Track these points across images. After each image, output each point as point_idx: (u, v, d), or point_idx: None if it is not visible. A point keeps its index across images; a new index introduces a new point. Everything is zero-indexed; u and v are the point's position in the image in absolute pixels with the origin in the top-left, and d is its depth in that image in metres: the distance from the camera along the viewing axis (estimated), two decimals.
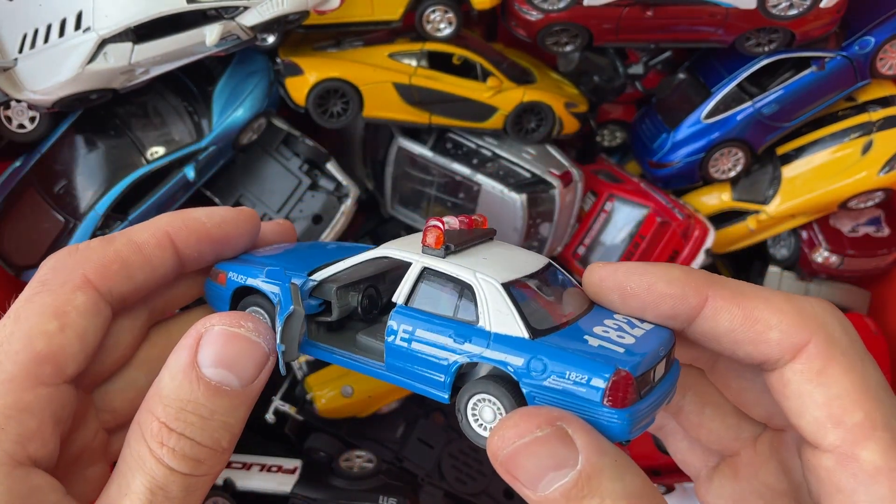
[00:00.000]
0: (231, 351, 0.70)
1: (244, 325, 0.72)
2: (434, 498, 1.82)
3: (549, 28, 1.80)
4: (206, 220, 0.82)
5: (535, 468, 0.62)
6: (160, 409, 0.68)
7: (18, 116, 1.71)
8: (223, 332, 0.70)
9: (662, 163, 2.00)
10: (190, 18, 1.52)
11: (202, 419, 0.68)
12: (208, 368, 0.69)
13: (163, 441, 0.67)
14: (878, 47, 1.83)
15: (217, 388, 0.69)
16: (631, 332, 0.72)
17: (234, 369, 0.70)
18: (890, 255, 2.06)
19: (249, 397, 0.71)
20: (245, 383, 0.70)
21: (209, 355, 0.69)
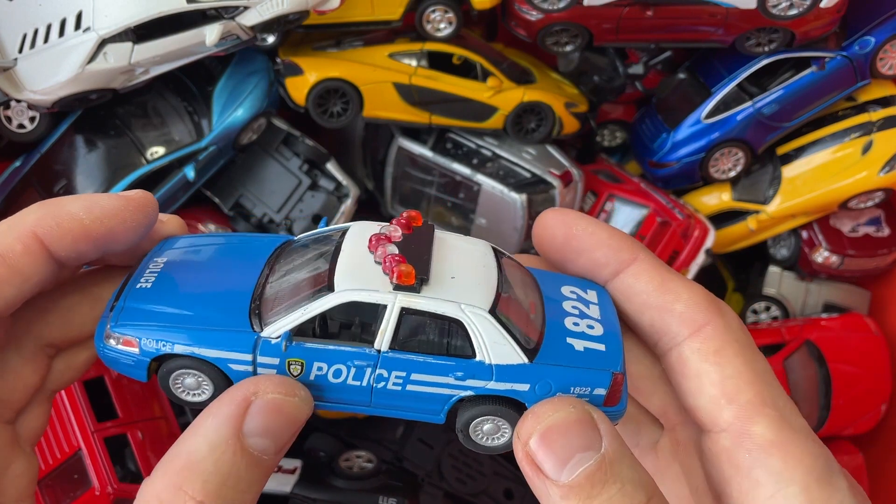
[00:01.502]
0: (280, 422, 0.64)
1: (298, 395, 0.66)
2: (434, 498, 1.82)
3: (549, 28, 1.80)
4: (85, 215, 0.70)
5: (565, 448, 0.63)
6: (197, 485, 0.60)
7: (18, 116, 1.71)
8: (276, 402, 0.64)
9: (662, 163, 2.00)
10: (190, 18, 1.52)
11: (242, 494, 0.62)
12: (253, 438, 0.62)
13: None
14: (878, 47, 1.83)
15: (258, 458, 0.63)
16: (592, 316, 0.75)
17: (275, 438, 0.63)
18: (890, 254, 2.06)
19: (274, 467, 0.66)
20: (280, 452, 0.65)
21: (258, 426, 0.63)
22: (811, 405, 1.94)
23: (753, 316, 2.11)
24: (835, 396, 1.93)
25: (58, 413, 1.68)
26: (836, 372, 1.94)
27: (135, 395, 1.72)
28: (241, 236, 0.87)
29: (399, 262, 0.69)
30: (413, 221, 0.75)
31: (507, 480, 1.92)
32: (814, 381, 1.94)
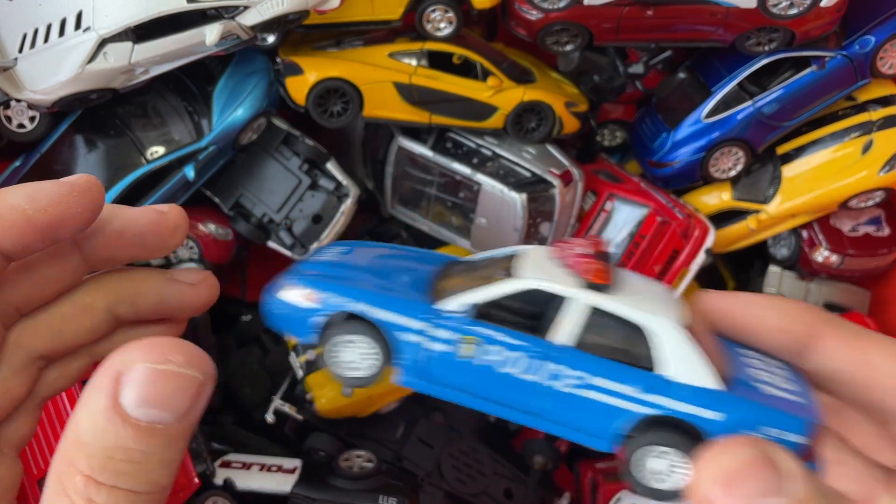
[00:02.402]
0: (160, 389, 0.59)
1: (173, 360, 0.60)
2: (434, 498, 1.83)
3: (549, 27, 1.80)
4: (28, 205, 0.68)
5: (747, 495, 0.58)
6: (82, 460, 0.57)
7: (18, 116, 1.71)
8: (148, 370, 0.59)
9: (663, 162, 2.00)
10: (190, 18, 1.52)
11: (135, 465, 0.58)
12: (136, 410, 0.58)
13: (91, 498, 0.57)
14: (879, 47, 1.84)
15: (148, 428, 0.59)
16: (778, 371, 0.70)
17: (166, 406, 0.59)
18: (890, 254, 2.06)
19: (187, 428, 0.61)
20: (181, 416, 0.60)
21: (133, 397, 0.58)
22: None
23: None
24: None
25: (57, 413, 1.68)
26: None
27: None
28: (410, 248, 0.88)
29: (593, 261, 0.67)
30: (601, 247, 0.71)
31: (507, 480, 1.92)
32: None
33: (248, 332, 2.06)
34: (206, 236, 1.91)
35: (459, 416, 2.00)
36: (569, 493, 2.06)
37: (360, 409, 1.88)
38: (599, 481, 1.96)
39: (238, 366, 2.06)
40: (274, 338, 2.08)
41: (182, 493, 1.65)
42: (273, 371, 2.06)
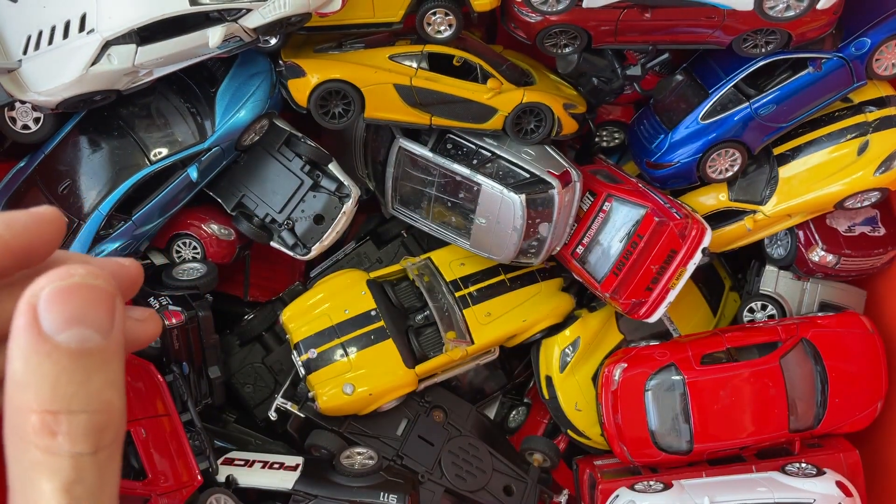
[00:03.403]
0: (75, 305, 0.59)
1: (76, 273, 0.60)
2: (434, 494, 1.84)
3: (548, 30, 1.81)
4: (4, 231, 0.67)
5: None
6: (31, 398, 0.57)
7: (23, 117, 1.73)
8: (56, 289, 0.59)
9: (660, 163, 2.02)
10: (193, 20, 1.54)
11: (81, 385, 0.59)
12: (61, 335, 0.58)
13: (54, 429, 0.57)
14: (874, 49, 1.85)
15: (80, 349, 0.59)
16: None
17: (89, 324, 0.59)
18: (886, 254, 2.07)
19: (116, 347, 0.61)
20: (106, 332, 0.60)
21: (55, 320, 0.59)
22: (807, 403, 1.95)
23: (750, 315, 2.13)
24: (831, 394, 1.95)
25: None
26: (832, 370, 1.96)
27: (137, 392, 1.73)
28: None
29: None
30: None
31: (507, 477, 1.94)
32: (810, 379, 1.96)
33: (250, 331, 2.08)
34: (208, 236, 1.93)
35: (460, 414, 2.02)
36: (567, 490, 2.08)
37: (360, 407, 1.89)
38: (598, 478, 1.98)
39: (240, 364, 2.07)
40: (276, 337, 2.09)
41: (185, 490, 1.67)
42: (275, 369, 2.08)
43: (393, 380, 1.89)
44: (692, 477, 1.88)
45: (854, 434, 2.00)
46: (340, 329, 1.90)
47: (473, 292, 2.01)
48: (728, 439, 1.92)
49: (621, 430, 1.95)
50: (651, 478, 1.91)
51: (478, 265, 2.05)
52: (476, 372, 2.15)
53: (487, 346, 2.00)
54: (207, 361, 1.88)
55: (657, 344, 2.02)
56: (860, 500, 1.82)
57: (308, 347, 1.89)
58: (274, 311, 2.05)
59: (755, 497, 1.77)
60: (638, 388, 1.94)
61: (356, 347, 1.89)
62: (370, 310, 1.92)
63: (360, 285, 1.96)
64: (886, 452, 2.03)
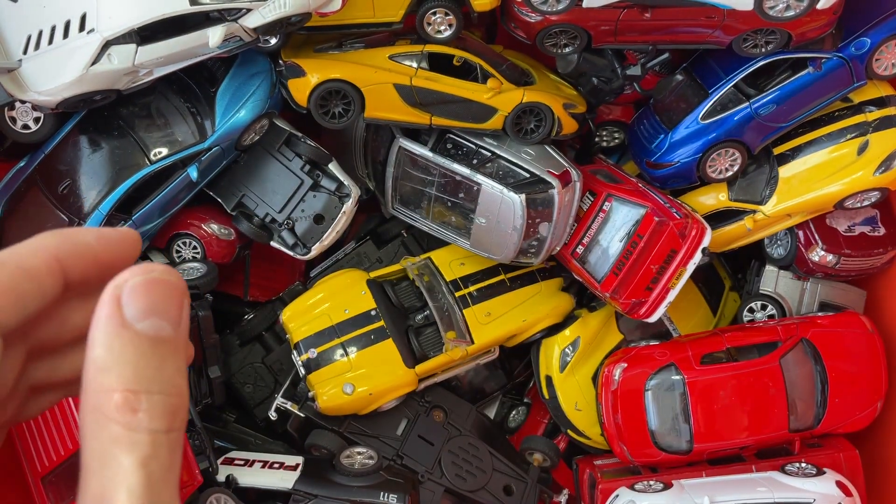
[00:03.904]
0: (154, 298, 0.66)
1: (154, 270, 0.67)
2: (434, 494, 1.84)
3: (548, 30, 1.81)
4: (96, 243, 0.76)
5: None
6: (114, 380, 0.63)
7: (23, 117, 1.73)
8: (139, 282, 0.67)
9: (660, 163, 2.02)
10: (193, 20, 1.54)
11: (158, 371, 0.65)
12: (140, 323, 0.65)
13: (135, 407, 0.62)
14: (874, 49, 1.85)
15: (156, 337, 0.65)
16: None
17: (164, 316, 0.66)
18: (886, 254, 2.07)
19: (183, 340, 0.68)
20: (176, 325, 0.67)
21: (136, 310, 0.66)
22: (807, 403, 1.95)
23: (750, 315, 2.13)
24: (831, 394, 1.95)
25: (61, 410, 1.70)
26: (832, 370, 1.96)
27: None
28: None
29: None
30: None
31: (507, 477, 1.94)
32: (810, 379, 1.96)
33: (250, 330, 2.08)
34: (208, 236, 1.93)
35: (459, 414, 2.02)
36: (567, 489, 2.08)
37: (360, 406, 1.89)
38: (597, 478, 1.98)
39: (240, 364, 2.07)
40: (276, 336, 2.09)
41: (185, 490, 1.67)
42: (275, 369, 2.08)
43: (393, 379, 1.89)
44: (692, 477, 1.88)
45: (854, 434, 2.00)
46: (340, 329, 1.91)
47: (473, 292, 2.02)
48: (728, 439, 1.92)
49: (621, 430, 1.95)
50: (651, 477, 1.91)
51: (478, 265, 2.05)
52: (476, 372, 2.15)
53: (487, 345, 2.00)
54: (207, 361, 1.88)
55: (657, 344, 2.02)
56: (860, 499, 1.82)
57: (308, 347, 1.89)
58: (274, 311, 2.05)
59: (755, 497, 1.77)
60: (638, 387, 1.94)
61: (356, 347, 1.89)
62: (370, 309, 1.92)
63: (360, 285, 1.96)
64: (886, 452, 2.03)
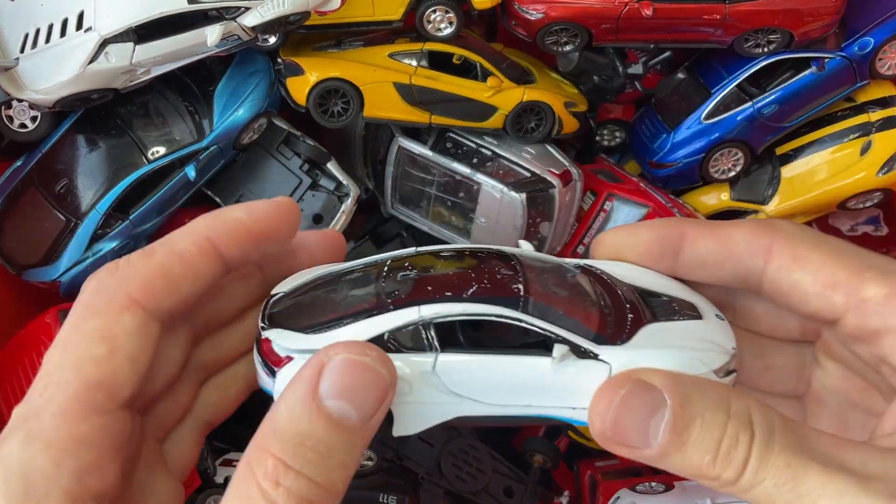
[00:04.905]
0: (354, 381, 0.66)
1: (369, 355, 0.67)
2: (434, 496, 1.83)
3: (548, 28, 1.80)
4: (246, 217, 0.78)
5: (637, 423, 0.67)
6: (276, 444, 0.64)
7: (20, 116, 1.72)
8: (347, 360, 0.66)
9: (662, 163, 2.01)
10: (191, 19, 1.53)
11: (321, 456, 0.64)
12: (329, 400, 0.65)
13: (279, 480, 0.62)
14: (878, 48, 1.84)
15: (338, 421, 0.64)
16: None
17: (354, 402, 0.65)
18: (889, 254, 2.06)
19: (367, 435, 0.67)
20: (364, 418, 0.66)
21: (331, 386, 0.65)
22: None
23: None
24: None
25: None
26: None
27: None
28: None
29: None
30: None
31: (507, 479, 1.93)
32: None
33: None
34: None
35: None
36: (568, 491, 2.07)
37: None
38: (598, 480, 1.97)
39: None
40: None
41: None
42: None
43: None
44: None
45: None
46: None
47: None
48: None
49: None
50: (652, 479, 1.90)
51: None
52: None
53: None
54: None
55: None
56: None
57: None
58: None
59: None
60: None
61: None
62: None
63: None
64: None
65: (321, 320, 0.78)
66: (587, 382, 0.75)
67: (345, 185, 1.90)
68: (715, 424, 0.66)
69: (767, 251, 0.78)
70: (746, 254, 0.79)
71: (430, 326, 0.76)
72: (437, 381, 0.76)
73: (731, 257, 0.79)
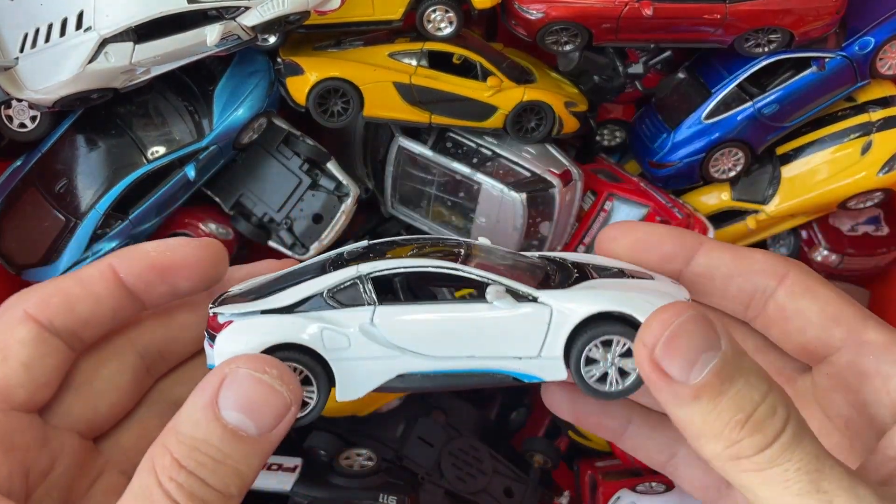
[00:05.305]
0: (252, 396, 0.69)
1: (269, 372, 0.70)
2: (434, 496, 1.83)
3: (548, 27, 1.80)
4: (152, 249, 0.83)
5: (688, 352, 0.66)
6: (174, 444, 0.68)
7: (19, 116, 1.72)
8: (247, 376, 0.69)
9: (663, 163, 2.01)
10: (191, 18, 1.52)
11: (214, 461, 0.67)
12: (227, 411, 0.68)
13: (172, 476, 0.66)
14: (878, 48, 1.84)
15: (234, 432, 0.68)
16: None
17: (253, 416, 0.68)
18: (889, 253, 2.06)
19: (265, 447, 0.70)
20: (262, 432, 0.69)
21: (230, 398, 0.68)
22: None
23: None
24: None
25: None
26: None
27: None
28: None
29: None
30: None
31: (508, 479, 1.92)
32: None
33: None
34: (206, 235, 1.92)
35: (459, 415, 2.01)
36: (568, 491, 2.06)
37: (360, 407, 1.88)
38: (599, 480, 1.97)
39: None
40: None
41: None
42: None
43: None
44: None
45: None
46: None
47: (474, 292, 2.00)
48: None
49: None
50: (653, 479, 1.90)
51: None
52: None
53: None
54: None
55: None
56: None
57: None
58: None
59: None
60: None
61: None
62: None
63: None
64: None
65: (266, 291, 0.80)
66: (529, 327, 0.75)
67: (345, 185, 1.90)
68: (758, 390, 0.66)
69: (783, 276, 0.81)
70: (762, 273, 0.81)
71: (367, 280, 0.76)
72: (376, 332, 0.76)
73: (743, 273, 0.81)
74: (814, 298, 0.80)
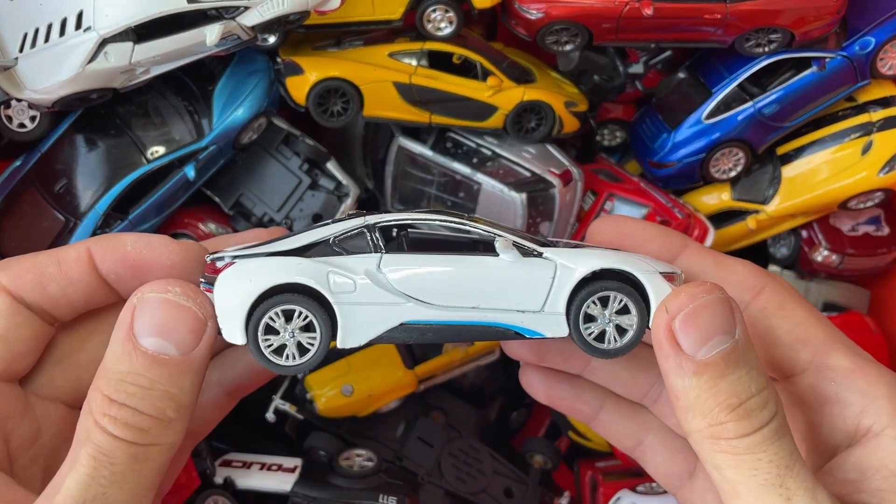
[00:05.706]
0: (163, 319, 0.70)
1: (171, 290, 0.71)
2: (434, 497, 1.83)
3: (549, 27, 1.80)
4: (130, 243, 0.83)
5: (706, 330, 0.69)
6: (102, 382, 0.70)
7: (19, 115, 1.72)
8: (154, 299, 0.71)
9: (663, 163, 2.00)
10: (190, 18, 1.52)
11: (142, 389, 0.69)
12: (144, 338, 0.70)
13: (105, 411, 0.68)
14: (879, 48, 1.84)
15: (154, 357, 0.69)
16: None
17: (169, 337, 0.70)
18: (890, 253, 2.06)
19: (192, 366, 0.71)
20: (184, 351, 0.70)
21: (144, 325, 0.70)
22: None
23: None
24: None
25: None
26: None
27: None
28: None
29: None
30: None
31: (507, 479, 1.92)
32: None
33: None
34: (206, 235, 1.92)
35: (459, 416, 2.00)
36: (568, 492, 2.06)
37: (359, 408, 1.88)
38: (599, 480, 1.96)
39: None
40: None
41: (182, 492, 1.66)
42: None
43: (393, 381, 1.88)
44: None
45: None
46: None
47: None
48: None
49: None
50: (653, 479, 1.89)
51: None
52: (476, 373, 2.14)
53: (488, 346, 1.99)
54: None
55: None
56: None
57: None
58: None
59: None
60: None
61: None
62: None
63: None
64: None
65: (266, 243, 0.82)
66: (534, 281, 0.76)
67: (344, 185, 1.89)
68: (755, 382, 0.69)
69: (758, 290, 0.83)
70: (738, 285, 0.83)
71: (374, 229, 0.78)
72: (382, 278, 0.77)
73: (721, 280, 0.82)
74: (785, 318, 0.82)
